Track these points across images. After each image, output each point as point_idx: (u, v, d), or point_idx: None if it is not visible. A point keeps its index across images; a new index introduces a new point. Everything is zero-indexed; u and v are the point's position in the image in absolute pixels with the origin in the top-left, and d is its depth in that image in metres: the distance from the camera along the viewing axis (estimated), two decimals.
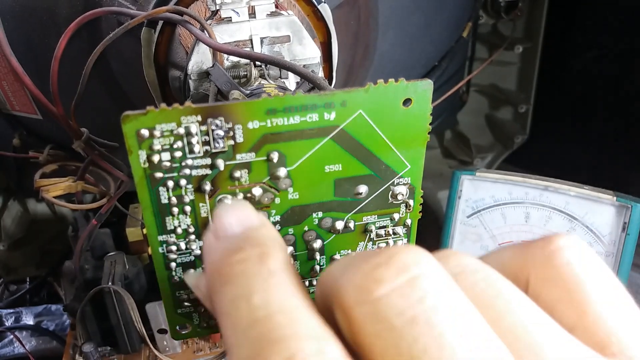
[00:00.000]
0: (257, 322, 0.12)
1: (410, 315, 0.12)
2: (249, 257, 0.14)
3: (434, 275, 0.13)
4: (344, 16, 0.42)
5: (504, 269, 0.16)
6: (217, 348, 0.51)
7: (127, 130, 0.16)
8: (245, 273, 0.13)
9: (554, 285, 0.15)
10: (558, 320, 0.14)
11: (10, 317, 0.63)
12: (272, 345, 0.12)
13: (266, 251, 0.14)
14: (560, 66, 0.71)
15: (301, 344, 0.12)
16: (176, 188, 0.18)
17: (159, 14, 0.32)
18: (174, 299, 0.20)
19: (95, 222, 0.43)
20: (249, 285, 0.13)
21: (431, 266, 0.13)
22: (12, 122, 0.49)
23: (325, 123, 0.17)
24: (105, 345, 0.49)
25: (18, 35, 0.40)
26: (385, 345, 0.12)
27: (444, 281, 0.13)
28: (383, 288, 0.12)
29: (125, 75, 0.41)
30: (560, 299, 0.15)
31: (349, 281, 0.13)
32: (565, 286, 0.15)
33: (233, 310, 0.13)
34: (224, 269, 0.14)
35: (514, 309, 0.13)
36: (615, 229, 0.51)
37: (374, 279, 0.13)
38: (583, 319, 0.14)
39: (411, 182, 0.20)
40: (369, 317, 0.12)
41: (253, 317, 0.13)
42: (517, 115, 0.76)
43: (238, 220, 0.15)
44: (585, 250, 0.15)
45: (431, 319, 0.12)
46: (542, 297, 0.15)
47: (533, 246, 0.16)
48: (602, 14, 0.65)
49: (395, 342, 0.12)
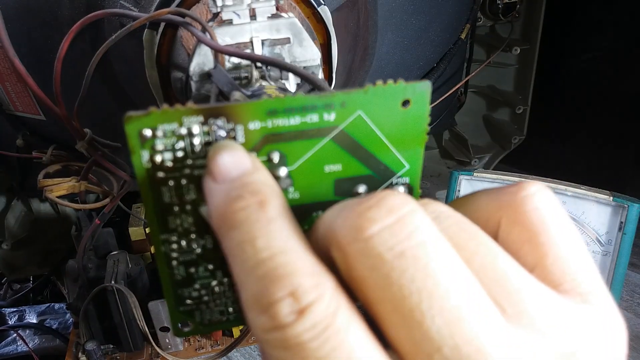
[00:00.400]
0: (262, 263, 0.14)
1: (399, 250, 0.14)
2: (249, 205, 0.15)
3: (419, 216, 0.14)
4: (344, 18, 0.43)
5: (479, 210, 0.18)
6: (218, 346, 0.52)
7: (129, 131, 0.17)
8: (248, 220, 0.15)
9: (522, 228, 0.17)
10: (522, 260, 0.16)
11: (14, 315, 0.63)
12: (276, 282, 0.14)
13: (264, 199, 0.15)
14: (557, 68, 0.71)
15: (301, 279, 0.14)
16: (178, 187, 0.18)
17: (161, 16, 0.32)
18: (175, 296, 0.20)
19: (98, 222, 0.43)
20: (252, 231, 0.15)
21: (415, 208, 0.14)
22: (16, 122, 0.49)
23: (325, 124, 0.18)
24: (108, 344, 0.50)
25: (21, 36, 0.40)
26: (378, 277, 0.14)
27: (427, 221, 0.14)
28: (375, 227, 0.14)
29: (127, 77, 0.41)
30: (526, 241, 0.17)
31: (343, 222, 0.15)
32: (531, 230, 0.16)
33: (240, 252, 0.15)
34: (228, 216, 0.15)
35: (483, 250, 0.15)
36: (612, 229, 0.52)
37: (366, 219, 0.14)
38: (543, 260, 0.16)
39: (410, 182, 0.20)
40: (363, 252, 0.14)
41: (258, 259, 0.14)
42: (515, 116, 0.76)
43: (233, 163, 0.16)
44: (551, 199, 0.17)
45: (418, 252, 0.14)
46: (510, 238, 0.17)
47: (506, 192, 0.17)
48: (599, 16, 0.65)
49: (386, 274, 0.14)
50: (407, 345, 0.14)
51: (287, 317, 0.13)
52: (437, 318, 0.13)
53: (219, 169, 0.16)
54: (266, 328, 0.14)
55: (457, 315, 0.13)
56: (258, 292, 0.14)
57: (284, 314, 0.13)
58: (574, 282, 0.16)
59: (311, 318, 0.13)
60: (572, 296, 0.16)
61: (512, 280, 0.15)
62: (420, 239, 0.14)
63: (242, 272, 0.15)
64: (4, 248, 0.61)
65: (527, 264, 0.16)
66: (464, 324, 0.13)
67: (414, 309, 0.13)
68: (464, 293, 0.14)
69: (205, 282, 0.20)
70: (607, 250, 0.52)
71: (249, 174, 0.16)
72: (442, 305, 0.13)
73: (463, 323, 0.13)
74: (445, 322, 0.13)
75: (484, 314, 0.14)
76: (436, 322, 0.13)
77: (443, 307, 0.13)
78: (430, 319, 0.13)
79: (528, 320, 0.14)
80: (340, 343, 0.13)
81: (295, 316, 0.13)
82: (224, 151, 0.17)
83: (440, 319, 0.13)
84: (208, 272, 0.20)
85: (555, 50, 0.70)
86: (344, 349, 0.13)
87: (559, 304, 0.15)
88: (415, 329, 0.13)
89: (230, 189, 0.16)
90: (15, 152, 0.50)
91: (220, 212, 0.16)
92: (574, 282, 0.16)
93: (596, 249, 0.53)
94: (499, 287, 0.15)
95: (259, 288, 0.14)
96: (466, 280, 0.14)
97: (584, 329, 0.15)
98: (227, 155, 0.16)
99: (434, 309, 0.13)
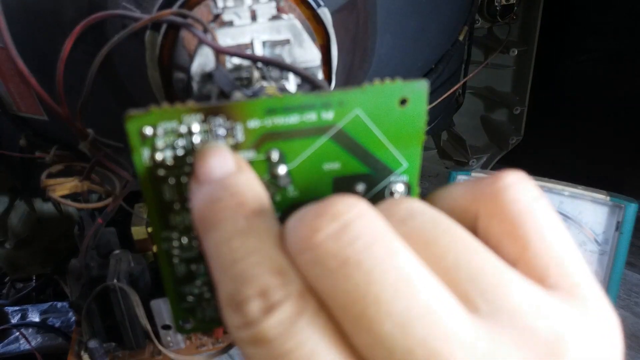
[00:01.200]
0: (235, 262, 0.14)
1: (342, 258, 0.14)
2: (227, 206, 0.16)
3: (365, 220, 0.14)
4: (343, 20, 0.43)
5: (455, 203, 0.17)
6: (219, 343, 0.52)
7: (130, 129, 0.17)
8: (225, 221, 0.15)
9: (500, 221, 0.16)
10: (502, 254, 0.16)
11: (17, 314, 0.64)
12: (247, 281, 0.14)
13: (243, 200, 0.16)
14: (554, 69, 0.71)
15: (270, 279, 0.14)
16: (179, 185, 0.18)
17: (163, 17, 0.32)
18: (177, 294, 0.20)
19: (101, 221, 0.43)
20: (228, 231, 0.15)
21: (361, 212, 0.14)
22: (19, 123, 0.49)
23: (324, 122, 0.18)
24: (110, 342, 0.50)
25: (24, 37, 0.40)
26: (325, 285, 0.14)
27: (373, 224, 0.14)
28: (319, 235, 0.14)
29: (129, 77, 0.42)
30: (505, 234, 0.16)
31: (294, 231, 0.15)
32: (510, 222, 0.16)
33: (216, 252, 0.15)
34: (207, 216, 0.16)
35: (457, 246, 0.15)
36: (609, 228, 0.52)
37: (312, 228, 0.14)
38: (524, 253, 0.16)
39: (408, 180, 0.20)
40: (311, 261, 0.14)
41: (232, 258, 0.15)
42: (512, 117, 0.76)
43: (217, 165, 0.17)
44: (530, 189, 0.16)
45: (360, 259, 0.14)
46: (489, 231, 0.16)
47: (483, 183, 0.17)
48: (595, 18, 0.65)
49: (333, 282, 0.14)
50: (364, 350, 0.14)
51: (256, 314, 0.14)
52: (386, 321, 0.13)
53: (202, 170, 0.17)
54: (238, 325, 0.14)
55: (408, 316, 0.13)
56: (231, 290, 0.14)
57: (252, 311, 0.14)
58: (559, 275, 0.15)
59: (277, 316, 0.14)
60: (558, 290, 0.15)
61: (488, 276, 0.14)
62: (364, 243, 0.14)
63: (218, 272, 0.15)
64: (7, 247, 0.61)
65: (509, 258, 0.16)
66: (415, 325, 0.13)
67: (362, 314, 0.13)
68: (415, 294, 0.13)
69: (206, 279, 0.20)
70: (604, 250, 0.52)
71: (231, 176, 0.16)
72: (389, 309, 0.13)
73: (414, 324, 0.13)
74: (394, 324, 0.13)
75: (441, 314, 0.13)
76: (385, 326, 0.13)
77: (391, 310, 0.13)
78: (379, 323, 0.13)
79: (506, 318, 0.14)
80: (303, 341, 0.14)
81: (262, 314, 0.14)
82: (209, 153, 0.17)
83: (389, 322, 0.13)
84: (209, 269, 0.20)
85: (552, 51, 0.70)
86: (306, 347, 0.14)
87: (542, 298, 0.14)
88: (367, 334, 0.13)
89: (212, 190, 0.16)
90: (19, 152, 0.50)
91: (200, 213, 0.16)
92: (559, 276, 0.15)
93: (593, 249, 0.53)
94: (474, 284, 0.14)
95: (232, 287, 0.14)
96: (420, 281, 0.14)
97: (571, 324, 0.14)
98: (211, 157, 0.17)
99: (381, 312, 0.13)
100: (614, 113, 0.66)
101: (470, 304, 0.14)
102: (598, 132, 0.68)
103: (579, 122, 0.71)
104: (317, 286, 0.14)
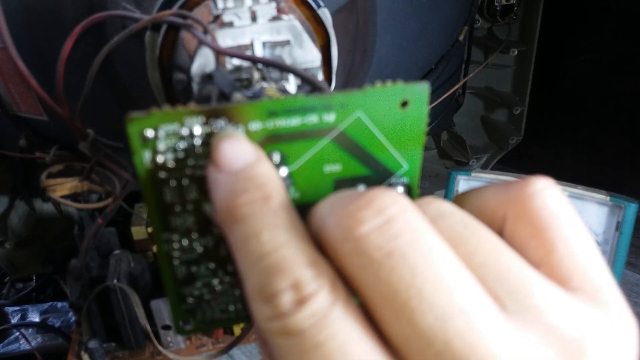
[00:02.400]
0: (266, 255, 0.15)
1: (388, 249, 0.14)
2: (253, 199, 0.16)
3: (409, 214, 0.15)
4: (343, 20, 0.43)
5: (484, 205, 0.18)
6: (219, 343, 0.52)
7: (131, 131, 0.17)
8: (253, 214, 0.15)
9: (528, 224, 0.17)
10: (528, 256, 0.16)
11: (17, 314, 0.64)
12: (278, 274, 0.14)
13: (268, 193, 0.16)
14: (554, 69, 0.71)
15: (302, 271, 0.14)
16: (180, 187, 0.18)
17: (163, 18, 0.32)
18: (177, 295, 0.20)
19: (101, 221, 0.43)
20: (257, 225, 0.15)
21: (405, 207, 0.15)
22: (19, 123, 0.49)
23: (325, 124, 0.18)
24: (110, 342, 0.50)
25: (24, 38, 0.40)
26: (368, 275, 0.14)
27: (416, 220, 0.15)
28: (364, 227, 0.14)
29: (129, 78, 0.42)
30: (532, 237, 0.16)
31: (335, 221, 0.15)
32: (538, 226, 0.16)
33: (244, 246, 0.15)
34: (233, 210, 0.16)
35: (486, 247, 0.15)
36: (609, 228, 0.52)
37: (356, 220, 0.14)
38: (549, 256, 0.16)
39: (409, 182, 0.20)
40: (353, 252, 0.14)
41: (262, 251, 0.15)
42: (512, 117, 0.76)
43: (237, 153, 0.16)
44: (558, 196, 0.17)
45: (405, 252, 0.14)
46: (515, 234, 0.17)
47: (512, 187, 0.17)
48: (596, 18, 0.66)
49: (375, 272, 0.14)
50: (400, 340, 0.14)
51: (288, 306, 0.14)
52: (428, 314, 0.13)
53: (223, 157, 0.16)
54: (268, 317, 0.14)
55: (448, 311, 0.13)
56: (261, 283, 0.14)
57: (285, 303, 0.14)
58: (583, 279, 0.16)
59: (310, 308, 0.14)
60: (580, 293, 0.15)
61: (515, 277, 0.15)
62: (409, 237, 0.14)
63: (246, 265, 0.15)
64: (7, 247, 0.61)
65: (534, 261, 0.16)
66: (455, 319, 0.13)
67: (403, 305, 0.14)
68: (455, 289, 0.14)
69: (206, 281, 0.20)
70: (604, 250, 0.52)
71: (253, 166, 0.16)
72: (432, 302, 0.14)
73: (454, 318, 0.13)
74: (435, 317, 0.13)
75: (478, 309, 0.14)
76: (427, 318, 0.13)
77: (433, 303, 0.13)
78: (420, 315, 0.13)
79: (532, 316, 0.14)
80: (337, 332, 0.14)
81: (295, 306, 0.14)
82: (228, 140, 0.17)
83: (430, 315, 0.13)
84: (209, 271, 0.20)
85: (552, 51, 0.71)
86: (340, 337, 0.14)
87: (565, 300, 0.15)
88: (406, 325, 0.14)
89: (235, 181, 0.16)
90: (19, 152, 0.50)
91: (225, 205, 0.16)
92: (583, 280, 0.16)
93: None
94: (501, 284, 0.15)
95: (263, 279, 0.14)
96: (459, 277, 0.14)
97: (592, 326, 0.15)
98: (230, 143, 0.17)
99: (423, 304, 0.13)
100: (614, 113, 0.66)
101: (499, 302, 0.15)
102: (598, 132, 0.68)
103: (579, 122, 0.71)
104: (356, 277, 0.15)
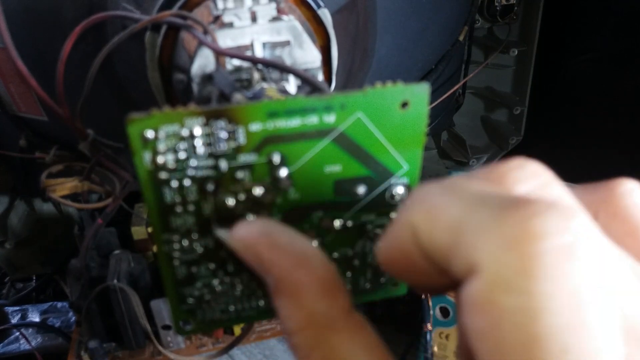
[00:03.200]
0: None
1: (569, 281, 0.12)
2: (325, 308, 0.16)
3: (584, 216, 0.13)
4: (343, 21, 0.43)
5: None
6: (219, 343, 0.52)
7: (131, 132, 0.17)
8: (323, 321, 0.16)
9: (622, 222, 0.17)
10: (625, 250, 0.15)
11: (17, 314, 0.64)
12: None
13: (338, 298, 0.16)
14: (554, 69, 0.71)
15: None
16: (180, 188, 0.18)
17: (163, 19, 0.32)
18: (177, 295, 0.20)
19: (100, 221, 0.43)
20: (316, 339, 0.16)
21: (577, 207, 0.14)
22: (19, 123, 0.49)
23: (325, 125, 0.18)
24: (110, 342, 0.50)
25: (24, 38, 0.40)
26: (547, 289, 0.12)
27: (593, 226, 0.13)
28: (543, 244, 0.12)
29: (130, 78, 0.42)
30: (628, 234, 0.16)
31: (504, 223, 0.12)
32: (633, 222, 0.16)
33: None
34: (305, 316, 0.16)
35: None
36: None
37: (534, 233, 0.12)
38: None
39: (409, 183, 0.20)
40: (525, 261, 0.12)
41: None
42: (512, 117, 0.76)
43: (292, 254, 0.17)
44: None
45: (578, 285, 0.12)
46: (610, 231, 0.16)
47: (603, 187, 0.17)
48: (596, 18, 0.65)
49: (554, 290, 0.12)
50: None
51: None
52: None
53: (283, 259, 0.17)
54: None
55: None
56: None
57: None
58: None
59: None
60: None
61: None
62: (591, 269, 0.12)
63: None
64: (7, 247, 0.61)
65: (632, 254, 0.16)
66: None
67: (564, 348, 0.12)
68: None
69: (206, 281, 0.20)
70: None
71: (312, 263, 0.17)
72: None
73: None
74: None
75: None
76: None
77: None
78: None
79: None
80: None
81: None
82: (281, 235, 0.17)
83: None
84: (209, 272, 0.20)
85: (552, 51, 0.70)
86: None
87: None
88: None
89: (302, 287, 0.16)
90: (19, 152, 0.50)
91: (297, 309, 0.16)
92: None
93: None
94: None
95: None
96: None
97: None
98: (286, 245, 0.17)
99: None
100: (614, 113, 0.66)
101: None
102: (598, 132, 0.68)
103: (579, 122, 0.71)
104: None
